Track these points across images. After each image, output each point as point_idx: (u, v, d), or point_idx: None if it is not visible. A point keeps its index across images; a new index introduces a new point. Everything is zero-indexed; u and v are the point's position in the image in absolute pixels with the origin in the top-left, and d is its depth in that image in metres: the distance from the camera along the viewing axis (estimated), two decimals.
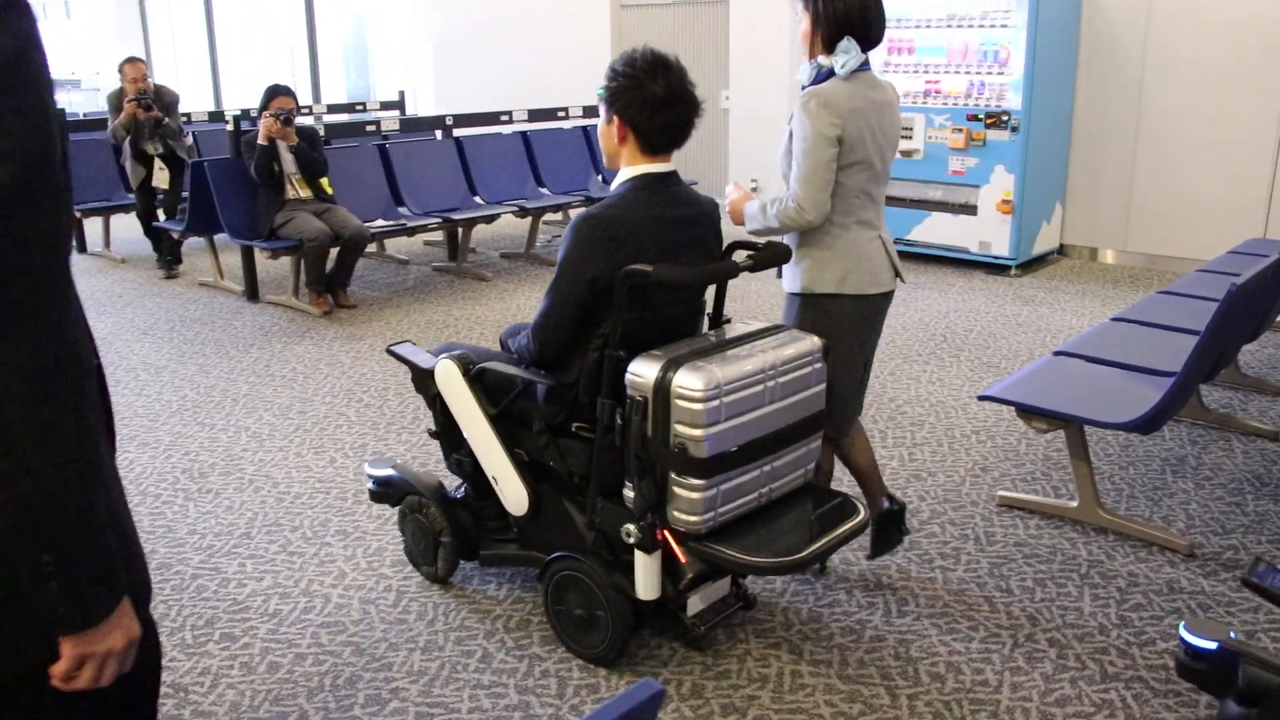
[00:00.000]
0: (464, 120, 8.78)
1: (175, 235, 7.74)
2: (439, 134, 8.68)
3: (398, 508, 3.41)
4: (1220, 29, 7.10)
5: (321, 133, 7.27)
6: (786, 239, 3.12)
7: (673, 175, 2.86)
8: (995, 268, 7.66)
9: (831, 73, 2.98)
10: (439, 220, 7.60)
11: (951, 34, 7.44)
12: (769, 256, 2.95)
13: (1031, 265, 7.78)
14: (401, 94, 11.44)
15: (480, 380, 3.09)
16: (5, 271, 1.14)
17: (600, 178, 9.23)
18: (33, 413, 1.18)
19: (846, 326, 3.09)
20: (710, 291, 3.15)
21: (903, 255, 7.95)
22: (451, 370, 3.10)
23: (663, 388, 2.57)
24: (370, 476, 3.50)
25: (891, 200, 7.90)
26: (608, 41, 10.90)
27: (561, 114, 9.38)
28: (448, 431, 3.24)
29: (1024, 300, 6.83)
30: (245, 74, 16.36)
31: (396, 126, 8.41)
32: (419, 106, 12.98)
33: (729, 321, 3.10)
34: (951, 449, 4.40)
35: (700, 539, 2.70)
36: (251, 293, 7.13)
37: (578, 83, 10.93)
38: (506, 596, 3.27)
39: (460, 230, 7.90)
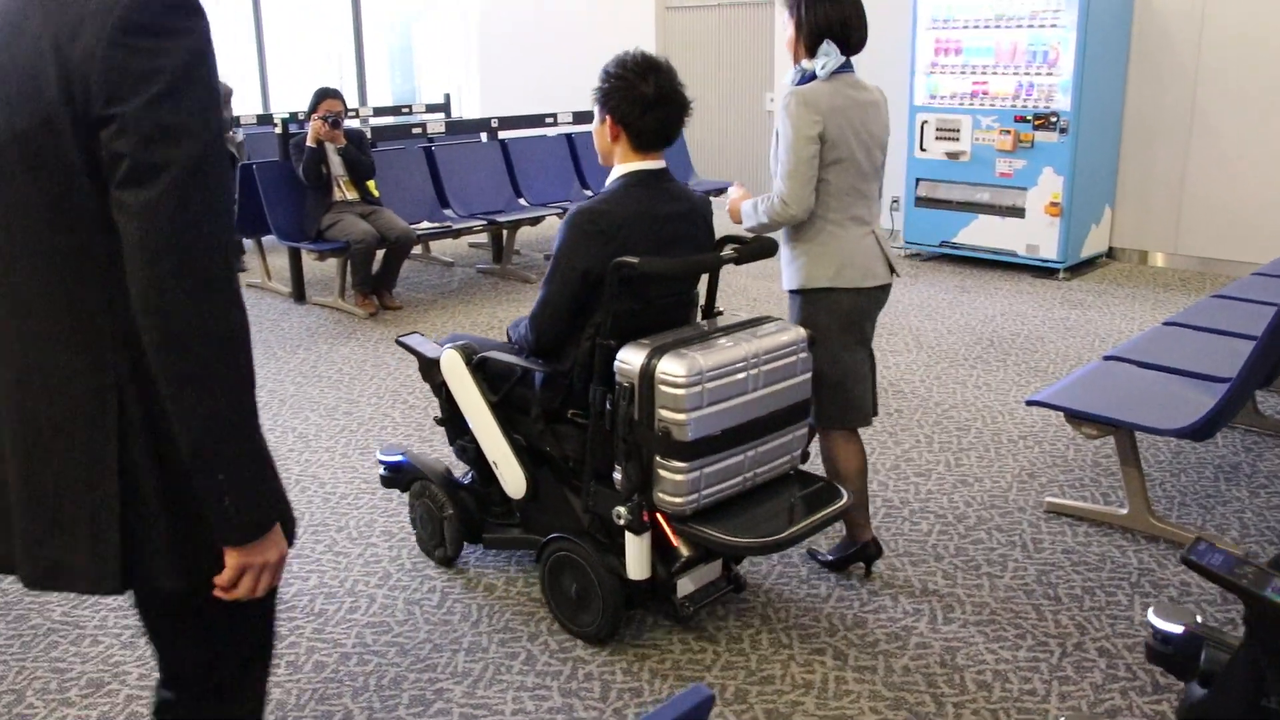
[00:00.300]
0: (509, 122, 8.81)
1: None
2: (484, 136, 8.72)
3: (407, 493, 3.56)
4: (1278, 26, 6.98)
5: (368, 135, 7.32)
6: (781, 238, 3.24)
7: (664, 172, 2.97)
8: (1043, 271, 7.57)
9: (814, 75, 3.14)
10: (484, 222, 7.63)
11: (999, 34, 7.36)
12: (753, 250, 3.06)
13: (1080, 268, 7.69)
14: (447, 96, 11.51)
15: (482, 369, 3.23)
16: (208, 222, 1.39)
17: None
18: (220, 354, 1.44)
19: (843, 319, 3.20)
20: (704, 284, 3.21)
21: (949, 258, 7.95)
22: (455, 359, 3.25)
23: (648, 374, 2.70)
24: (381, 462, 3.64)
25: (937, 202, 7.85)
26: (653, 44, 10.90)
27: None
28: (453, 418, 3.39)
29: (1072, 304, 6.74)
30: (293, 77, 16.54)
31: (442, 129, 8.46)
32: (464, 109, 13.05)
33: (721, 313, 3.21)
34: (999, 454, 4.35)
35: (685, 520, 2.81)
36: (299, 294, 7.20)
37: None
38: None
39: (505, 232, 7.93)
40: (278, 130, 7.21)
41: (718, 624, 3.11)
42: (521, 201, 8.29)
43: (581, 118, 9.21)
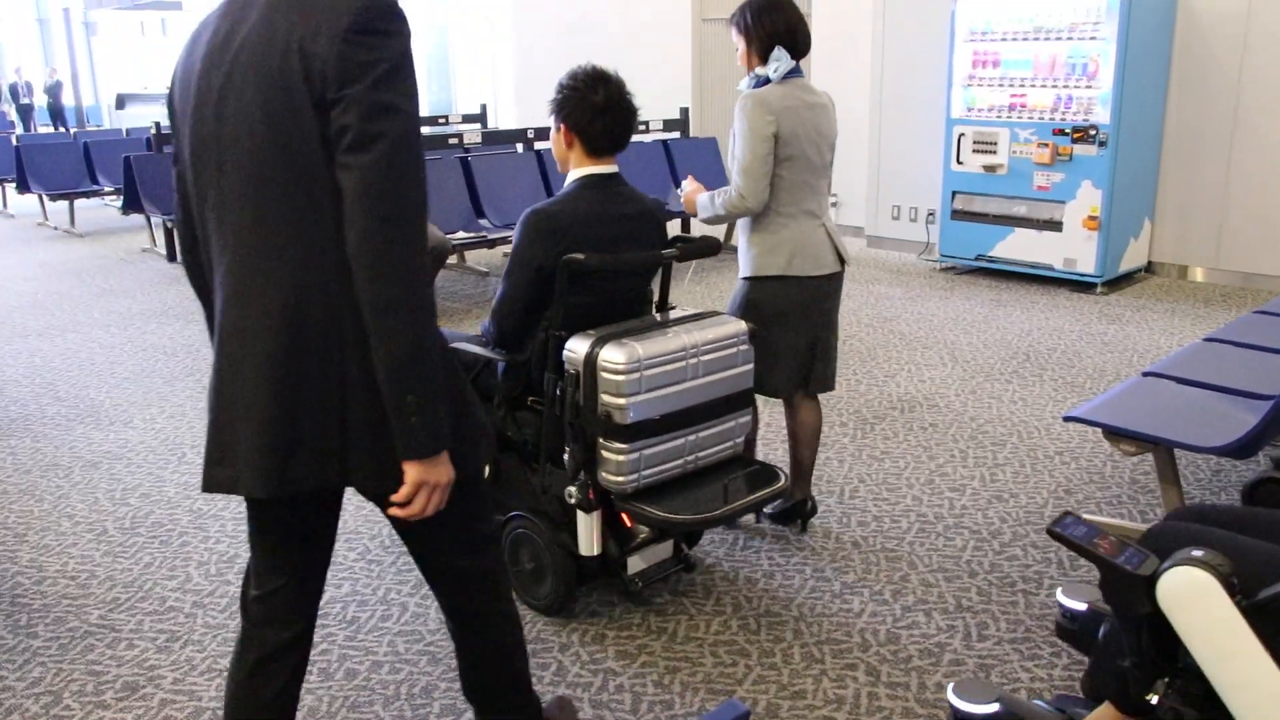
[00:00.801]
0: (545, 133, 8.82)
1: None
2: (520, 147, 8.76)
3: None
4: None
5: None
6: (740, 229, 3.60)
7: (616, 176, 3.16)
8: (1080, 285, 7.51)
9: (768, 80, 3.43)
10: None
11: (1038, 46, 7.32)
12: (695, 249, 3.28)
13: (1118, 283, 7.61)
14: (483, 107, 11.58)
15: (479, 372, 3.40)
16: (411, 180, 1.78)
17: (678, 191, 9.22)
18: (413, 287, 1.79)
19: (794, 304, 3.53)
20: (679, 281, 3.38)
21: (985, 271, 7.90)
22: None
23: (591, 361, 2.92)
24: None
25: (974, 215, 7.80)
26: (689, 55, 10.92)
27: (642, 127, 9.40)
28: None
29: (1110, 319, 6.68)
30: None
31: (478, 139, 8.51)
32: (500, 119, 13.11)
33: (674, 308, 3.37)
34: (1034, 470, 4.31)
35: (627, 498, 3.01)
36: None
37: (658, 97, 10.96)
38: (581, 610, 3.27)
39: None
40: None
41: (750, 637, 3.10)
42: None
43: None
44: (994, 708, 2.38)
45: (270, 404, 1.84)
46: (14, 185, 11.85)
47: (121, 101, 22.98)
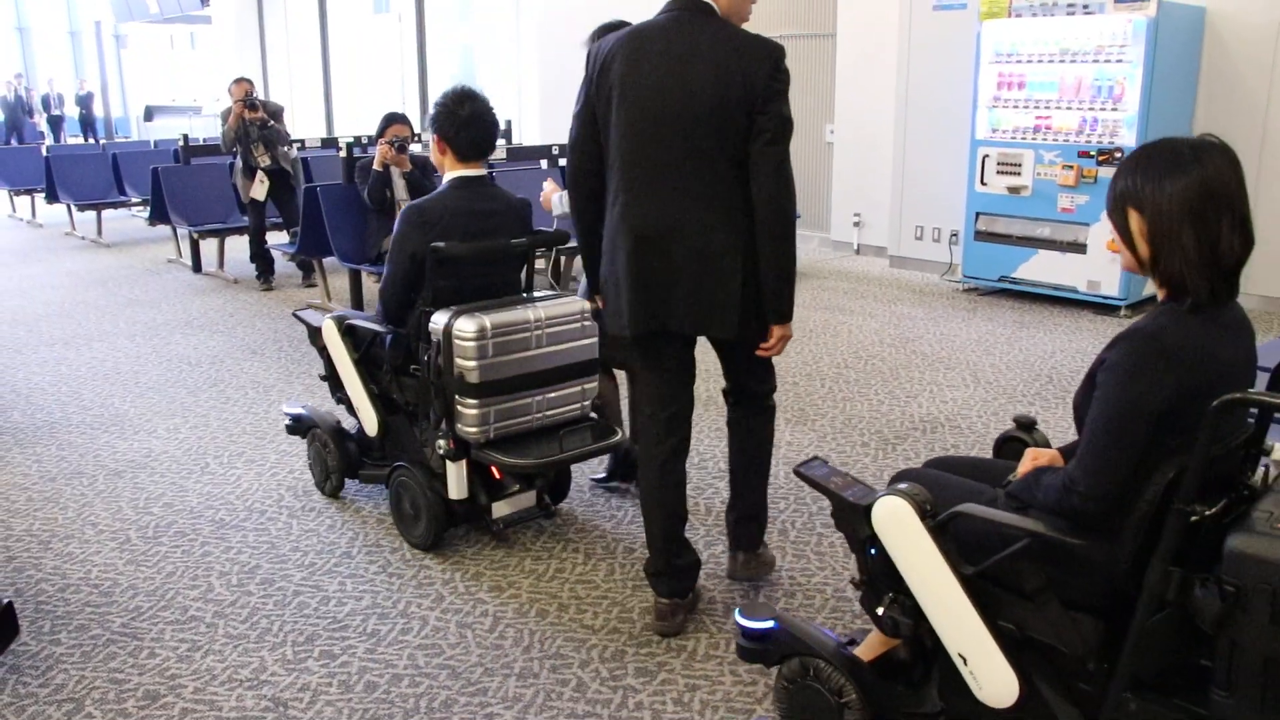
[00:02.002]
0: None
1: (287, 257, 7.99)
2: (544, 164, 8.79)
3: (305, 438, 4.41)
4: None
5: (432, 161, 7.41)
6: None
7: (483, 178, 3.79)
8: (1104, 308, 7.47)
9: None
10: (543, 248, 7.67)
11: (1064, 69, 7.31)
12: (545, 240, 3.89)
13: (1142, 306, 7.57)
14: (508, 123, 11.62)
15: (351, 334, 4.04)
16: (789, 166, 2.95)
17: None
18: (791, 225, 2.99)
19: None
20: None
21: (1008, 293, 7.87)
22: (331, 327, 4.09)
23: (447, 331, 3.49)
24: (286, 414, 4.50)
25: (997, 237, 7.78)
26: None
27: None
28: (332, 375, 4.21)
29: None
30: (357, 103, 16.81)
31: (503, 155, 8.54)
32: (524, 136, 13.17)
33: (549, 292, 3.89)
34: None
35: (480, 447, 3.60)
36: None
37: None
38: (602, 626, 3.27)
39: (563, 258, 7.97)
40: (342, 154, 7.32)
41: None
42: None
43: None
44: (770, 624, 2.70)
45: (696, 284, 2.99)
46: (43, 195, 11.97)
47: (150, 114, 23.21)
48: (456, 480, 3.65)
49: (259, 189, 8.35)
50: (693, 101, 2.88)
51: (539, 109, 13.16)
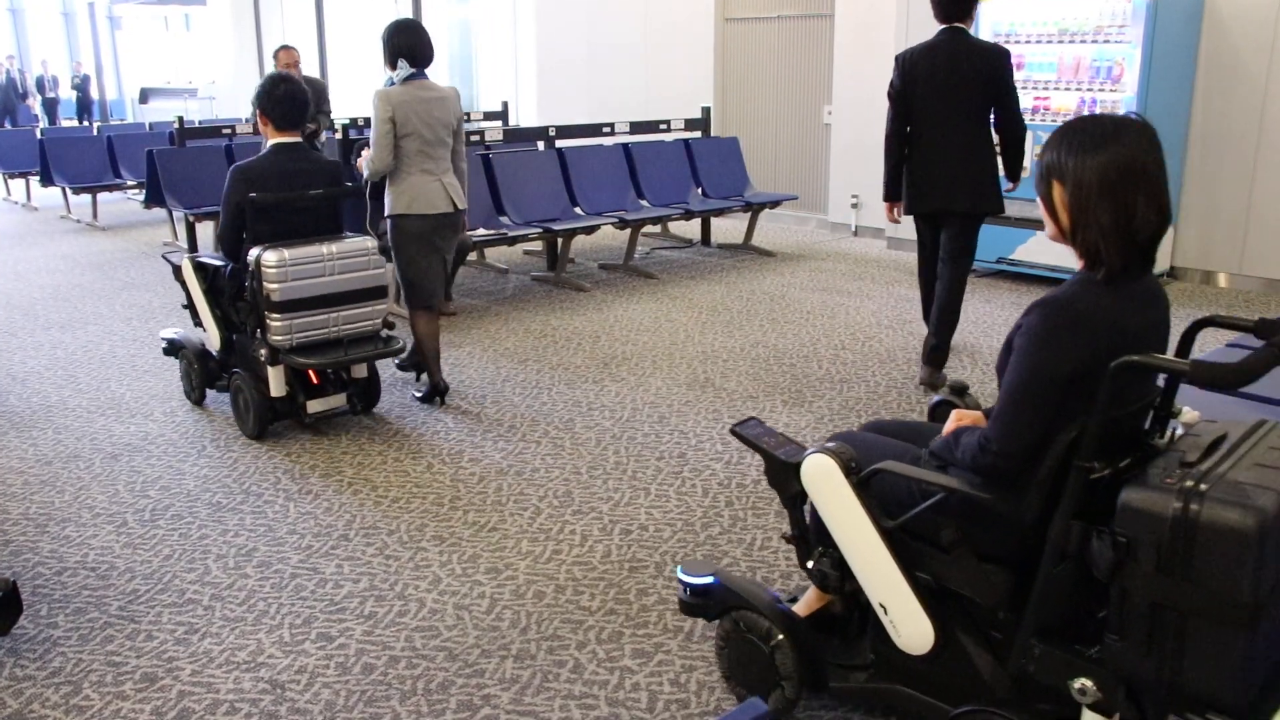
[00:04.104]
0: (566, 132, 8.85)
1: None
2: (541, 145, 8.77)
3: (178, 358, 5.42)
4: None
5: None
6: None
7: (299, 144, 4.70)
8: None
9: (393, 81, 4.90)
10: (539, 230, 7.67)
11: (1063, 49, 7.28)
12: (339, 192, 4.80)
13: None
14: (505, 104, 11.59)
15: (202, 269, 4.99)
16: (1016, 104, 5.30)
17: (700, 190, 9.23)
18: (1024, 134, 5.42)
19: (414, 234, 5.00)
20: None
21: (1006, 275, 7.86)
22: (187, 264, 5.04)
23: (258, 260, 4.48)
24: (162, 338, 5.47)
25: (993, 219, 7.74)
26: (711, 55, 10.90)
27: (663, 127, 9.40)
28: (191, 306, 5.14)
29: None
30: (355, 84, 16.73)
31: (500, 137, 8.52)
32: (522, 117, 13.13)
33: (345, 234, 4.83)
34: None
35: (286, 352, 4.56)
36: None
37: (681, 96, 10.95)
38: (599, 608, 3.27)
39: (560, 241, 7.96)
40: (338, 136, 7.29)
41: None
42: (577, 210, 8.32)
43: (639, 128, 9.23)
44: (710, 579, 2.81)
45: (964, 173, 5.09)
46: (38, 178, 11.93)
47: (145, 96, 23.10)
48: (276, 381, 4.64)
49: None
50: (966, 88, 5.12)
51: (536, 89, 13.11)
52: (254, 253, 4.48)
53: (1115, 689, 2.08)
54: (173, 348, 5.36)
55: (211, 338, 5.00)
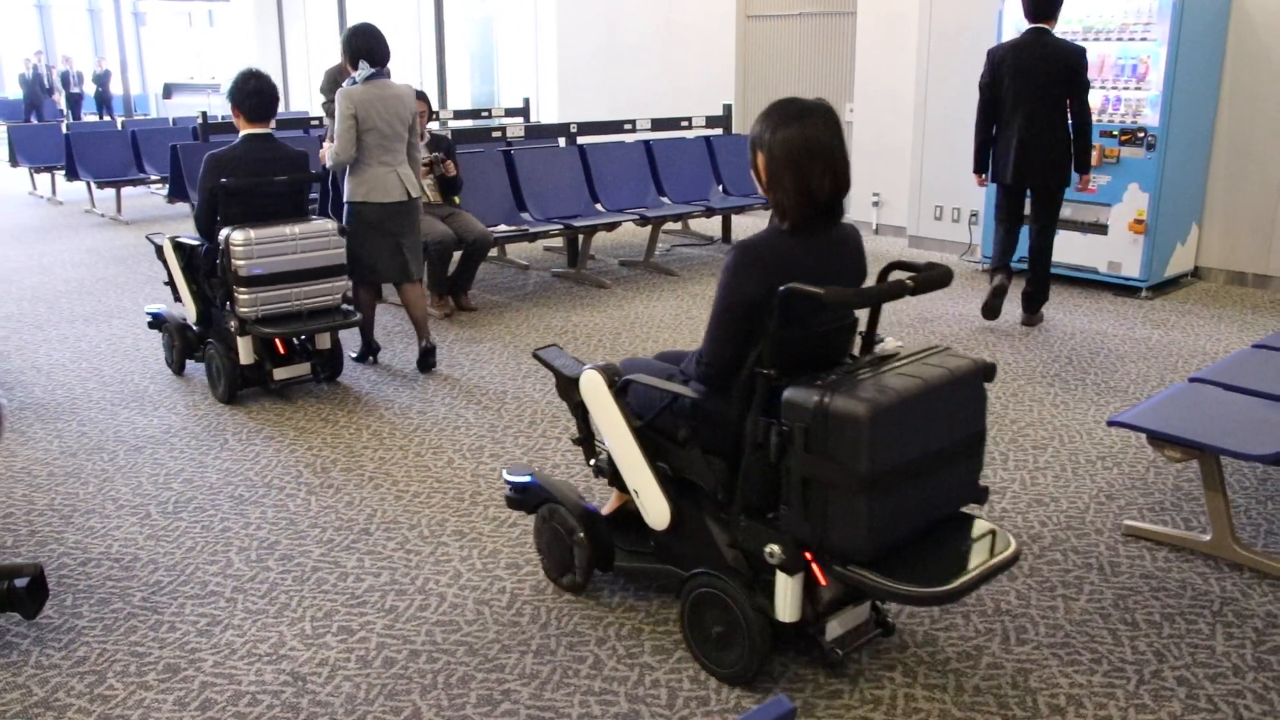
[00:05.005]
0: (588, 128, 8.86)
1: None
2: (562, 141, 8.77)
3: (161, 330, 5.83)
4: None
5: (448, 137, 7.40)
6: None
7: (269, 135, 5.11)
8: (1124, 289, 7.42)
9: (355, 81, 5.31)
10: (560, 227, 7.68)
11: (1087, 47, 7.21)
12: (306, 178, 5.23)
13: (1164, 288, 7.52)
14: (526, 101, 11.60)
15: (181, 248, 5.43)
16: (1086, 96, 6.24)
17: (721, 188, 9.21)
18: (1091, 119, 6.33)
19: (372, 221, 5.42)
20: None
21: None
22: (168, 244, 5.48)
23: (227, 239, 4.90)
24: (147, 312, 5.90)
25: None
26: (733, 52, 10.88)
27: (685, 124, 9.39)
28: (171, 283, 5.58)
29: (1155, 324, 6.60)
30: None
31: (521, 133, 8.53)
32: (543, 114, 13.13)
33: (316, 217, 5.40)
34: (1075, 474, 4.27)
35: (252, 323, 4.99)
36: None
37: (702, 93, 10.93)
38: (619, 604, 3.28)
39: (581, 237, 7.97)
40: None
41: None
42: (598, 207, 8.32)
43: (660, 125, 9.22)
44: (528, 479, 3.44)
45: (1040, 152, 6.10)
46: (63, 173, 12.01)
47: (168, 91, 23.22)
48: (245, 350, 5.08)
49: None
50: (1044, 75, 6.01)
51: (557, 86, 13.11)
52: (224, 232, 4.91)
53: (794, 551, 2.64)
54: (156, 321, 5.78)
55: (189, 311, 5.46)
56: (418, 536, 3.76)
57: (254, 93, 5.00)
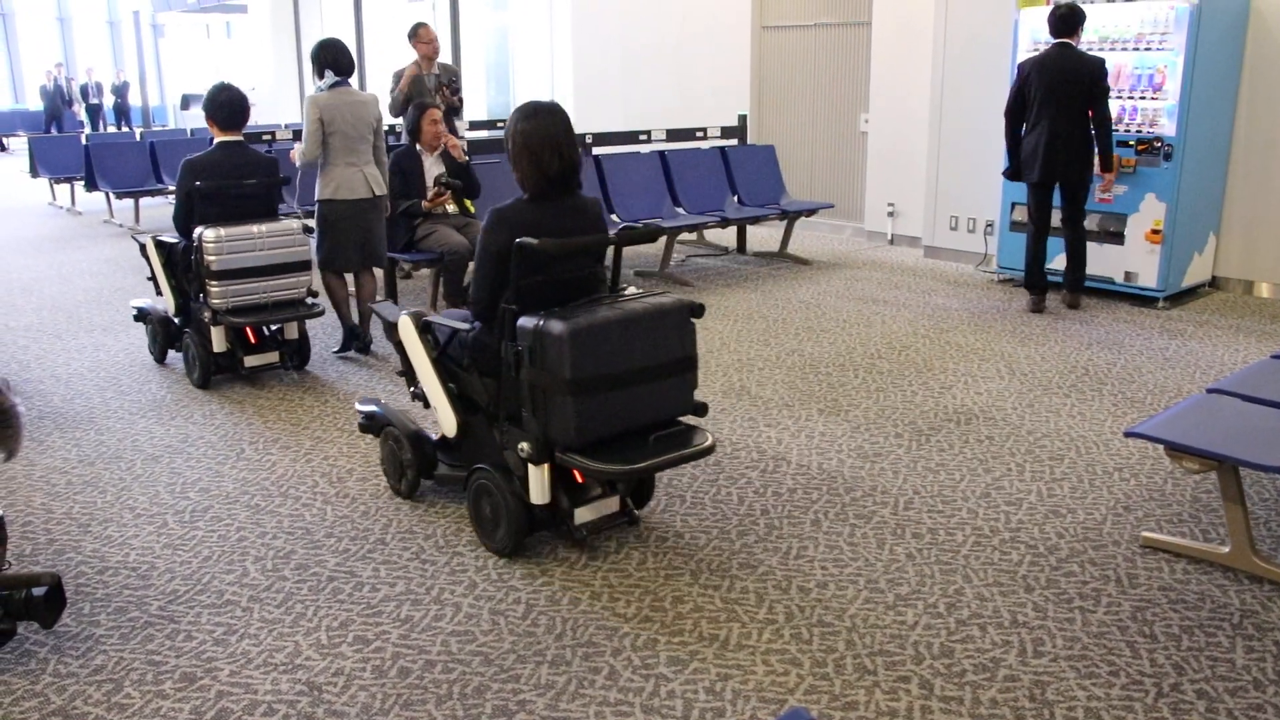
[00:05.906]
0: (603, 139, 8.88)
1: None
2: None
3: (145, 324, 6.31)
4: None
5: (464, 147, 7.42)
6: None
7: (240, 142, 5.57)
8: (1141, 299, 7.39)
9: (321, 89, 5.94)
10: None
11: (1103, 57, 7.21)
12: (268, 182, 5.60)
13: (1181, 298, 7.49)
14: None
15: (161, 246, 5.90)
16: (1106, 103, 6.90)
17: (736, 198, 9.22)
18: (1111, 125, 6.94)
19: (340, 216, 6.01)
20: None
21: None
22: (150, 243, 5.95)
23: (199, 237, 5.35)
24: (133, 306, 6.40)
25: None
26: (748, 62, 10.89)
27: (700, 134, 9.40)
28: (154, 279, 6.01)
29: (1172, 334, 6.57)
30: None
31: None
32: None
33: (291, 215, 5.97)
34: (1093, 486, 4.25)
35: (222, 314, 5.43)
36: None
37: (717, 103, 10.94)
38: (635, 615, 3.27)
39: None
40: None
41: (802, 647, 3.09)
42: (614, 218, 8.33)
43: (675, 135, 9.24)
44: (374, 407, 4.31)
45: (1063, 153, 6.80)
46: (82, 183, 12.09)
47: (186, 102, 23.33)
48: (217, 338, 5.51)
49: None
50: (1068, 84, 6.67)
51: (573, 95, 13.14)
52: (198, 231, 5.37)
53: (540, 447, 3.42)
54: (141, 315, 6.27)
55: (169, 304, 5.92)
56: (433, 546, 3.76)
57: (226, 104, 5.51)
